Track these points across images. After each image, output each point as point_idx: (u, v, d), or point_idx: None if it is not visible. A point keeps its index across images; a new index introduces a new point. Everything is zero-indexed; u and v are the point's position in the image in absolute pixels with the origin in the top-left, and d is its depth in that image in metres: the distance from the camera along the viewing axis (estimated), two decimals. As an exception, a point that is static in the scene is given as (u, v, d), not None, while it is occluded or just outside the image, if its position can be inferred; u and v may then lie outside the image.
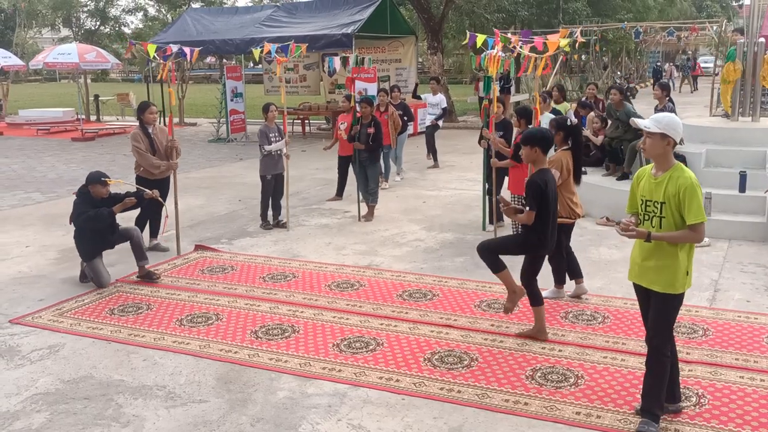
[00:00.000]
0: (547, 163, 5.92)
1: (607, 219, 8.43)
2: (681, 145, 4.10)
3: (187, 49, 8.18)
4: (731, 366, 4.72)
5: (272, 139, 8.53)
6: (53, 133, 20.25)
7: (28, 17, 41.41)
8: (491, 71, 7.29)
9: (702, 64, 40.28)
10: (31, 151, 16.50)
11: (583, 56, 31.43)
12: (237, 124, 18.19)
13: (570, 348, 5.05)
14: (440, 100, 13.31)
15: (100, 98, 24.30)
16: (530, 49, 6.58)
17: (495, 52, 6.93)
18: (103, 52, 21.94)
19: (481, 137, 8.05)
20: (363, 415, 4.19)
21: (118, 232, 6.63)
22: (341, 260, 7.31)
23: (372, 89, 13.93)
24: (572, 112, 10.66)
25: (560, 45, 6.09)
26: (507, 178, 8.03)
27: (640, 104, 17.28)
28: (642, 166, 9.03)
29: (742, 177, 8.27)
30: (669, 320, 3.91)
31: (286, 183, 8.69)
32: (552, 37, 6.47)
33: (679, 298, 3.90)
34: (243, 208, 9.89)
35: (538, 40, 7.03)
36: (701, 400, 4.26)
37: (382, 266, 7.09)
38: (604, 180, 9.35)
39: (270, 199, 8.67)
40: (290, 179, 8.91)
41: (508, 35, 7.54)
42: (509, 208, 5.13)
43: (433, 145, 13.10)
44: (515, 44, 6.48)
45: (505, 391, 4.44)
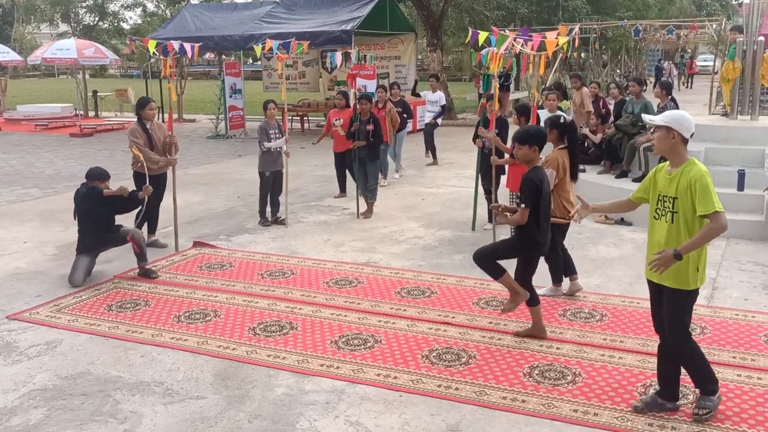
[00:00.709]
0: (544, 162, 5.92)
1: (606, 217, 8.43)
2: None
3: (187, 46, 8.16)
4: (729, 364, 4.72)
5: (272, 135, 8.53)
6: (51, 128, 20.21)
7: (26, 12, 41.29)
8: (492, 68, 7.27)
9: (701, 63, 40.28)
10: (29, 147, 16.48)
11: (583, 54, 31.38)
12: (236, 121, 18.16)
13: (568, 346, 5.06)
14: (439, 97, 13.31)
15: (98, 94, 24.25)
16: (524, 44, 6.56)
17: (498, 49, 6.88)
18: (102, 48, 21.91)
19: (476, 136, 8.05)
20: (361, 412, 4.20)
21: (117, 233, 6.62)
22: (339, 257, 7.31)
23: (371, 86, 13.92)
24: (572, 111, 10.67)
25: (559, 43, 6.07)
26: (504, 177, 8.04)
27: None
28: (640, 166, 9.10)
29: (741, 175, 8.28)
30: (682, 318, 3.91)
31: (285, 180, 8.69)
32: (550, 35, 6.46)
33: (692, 295, 3.89)
34: (241, 204, 9.88)
35: (537, 38, 7.01)
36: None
37: (381, 263, 7.09)
38: (603, 178, 9.36)
39: (268, 196, 8.67)
40: (289, 176, 8.91)
41: (506, 32, 7.52)
42: (502, 213, 5.10)
43: (432, 142, 13.09)
44: (515, 43, 6.45)
45: (503, 388, 4.44)
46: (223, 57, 21.94)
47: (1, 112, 23.54)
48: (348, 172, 10.00)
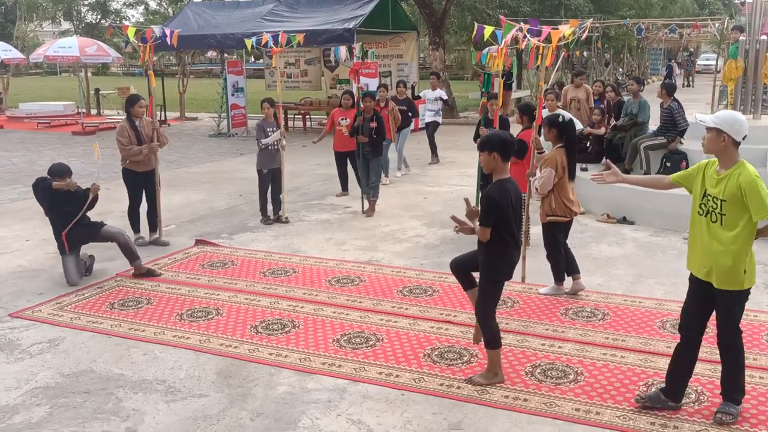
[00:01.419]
0: (543, 161, 5.92)
1: (608, 216, 8.42)
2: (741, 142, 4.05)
3: (167, 31, 8.18)
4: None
5: (269, 133, 8.58)
6: (54, 126, 20.22)
7: (28, 10, 41.29)
8: (493, 67, 7.25)
9: (704, 62, 40.21)
10: (32, 145, 16.49)
11: (585, 53, 31.34)
12: (238, 119, 18.16)
13: (569, 345, 5.05)
14: (439, 94, 13.31)
15: (100, 92, 24.26)
16: (535, 35, 6.50)
17: (504, 37, 6.77)
18: (104, 46, 21.89)
19: (478, 135, 8.04)
20: (363, 411, 4.20)
21: (89, 229, 6.53)
22: (341, 256, 7.31)
23: (373, 84, 13.92)
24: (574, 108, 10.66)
25: (565, 34, 6.04)
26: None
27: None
28: (641, 165, 9.08)
29: (743, 174, 8.24)
30: (736, 317, 3.90)
31: (283, 177, 8.67)
32: (562, 27, 6.40)
33: (743, 295, 3.86)
34: (243, 203, 9.89)
35: (546, 29, 6.95)
36: (700, 398, 4.27)
37: (383, 262, 7.09)
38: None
39: (268, 194, 8.69)
40: (290, 174, 8.93)
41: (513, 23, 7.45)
42: (464, 228, 4.59)
43: (433, 140, 13.10)
44: (524, 33, 6.38)
45: (505, 387, 4.44)
46: (226, 55, 21.94)
47: (3, 109, 23.57)
48: (352, 170, 10.00)
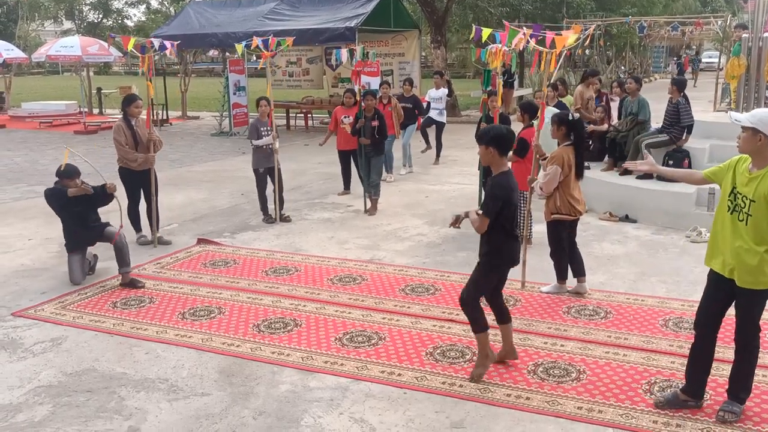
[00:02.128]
0: (549, 159, 5.91)
1: (610, 214, 8.41)
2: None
3: (168, 43, 8.18)
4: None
5: (263, 133, 8.56)
6: (56, 126, 20.25)
7: (30, 9, 41.35)
8: (492, 64, 7.24)
9: (706, 60, 40.14)
10: (34, 144, 16.51)
11: (587, 51, 31.31)
12: (240, 118, 18.16)
13: (572, 343, 5.05)
14: (443, 93, 13.30)
15: (102, 91, 24.28)
16: (538, 42, 6.50)
17: (510, 44, 6.80)
18: (106, 45, 21.93)
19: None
20: (365, 409, 4.20)
21: (100, 229, 6.52)
22: (344, 254, 7.31)
23: (375, 83, 13.91)
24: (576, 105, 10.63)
25: (568, 42, 6.02)
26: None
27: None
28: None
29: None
30: (756, 315, 3.89)
31: (277, 176, 8.65)
32: (566, 33, 6.39)
33: (764, 294, 3.84)
34: (245, 202, 9.89)
35: (550, 35, 6.95)
36: (703, 396, 4.26)
37: (385, 260, 7.09)
38: (607, 175, 9.32)
39: (266, 192, 8.70)
40: (292, 173, 8.94)
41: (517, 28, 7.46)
42: (457, 220, 4.65)
43: (438, 138, 13.07)
44: (526, 38, 6.38)
45: (507, 385, 4.44)
46: (227, 54, 21.94)
47: (5, 109, 23.60)
48: (355, 168, 10.01)
